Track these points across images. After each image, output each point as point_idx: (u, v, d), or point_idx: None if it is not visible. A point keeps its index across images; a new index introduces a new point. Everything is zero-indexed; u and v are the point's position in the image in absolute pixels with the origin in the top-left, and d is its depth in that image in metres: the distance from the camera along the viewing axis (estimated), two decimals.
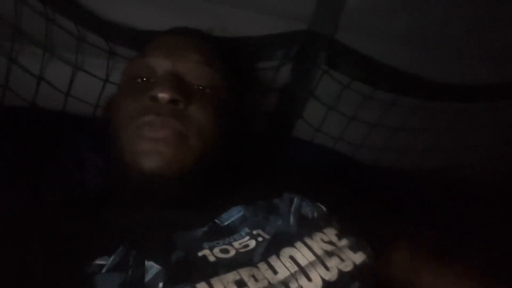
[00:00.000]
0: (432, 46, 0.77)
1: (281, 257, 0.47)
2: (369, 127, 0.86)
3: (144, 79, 0.59)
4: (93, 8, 0.69)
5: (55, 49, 0.73)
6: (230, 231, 0.51)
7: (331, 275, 0.46)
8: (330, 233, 0.50)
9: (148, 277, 0.43)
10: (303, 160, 0.85)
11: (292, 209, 0.54)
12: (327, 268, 0.46)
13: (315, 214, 0.53)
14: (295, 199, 0.55)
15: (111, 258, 0.46)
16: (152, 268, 0.43)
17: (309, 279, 0.45)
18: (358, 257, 0.48)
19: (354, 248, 0.49)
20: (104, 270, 0.45)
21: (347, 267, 0.47)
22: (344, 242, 0.50)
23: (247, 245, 0.48)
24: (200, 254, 0.46)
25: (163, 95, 0.53)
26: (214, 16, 0.71)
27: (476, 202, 0.89)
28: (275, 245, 0.48)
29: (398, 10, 0.71)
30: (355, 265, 0.47)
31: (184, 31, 0.67)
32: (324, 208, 0.54)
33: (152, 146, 0.52)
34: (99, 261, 0.45)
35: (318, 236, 0.50)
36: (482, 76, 0.81)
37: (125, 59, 0.73)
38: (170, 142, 0.53)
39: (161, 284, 0.42)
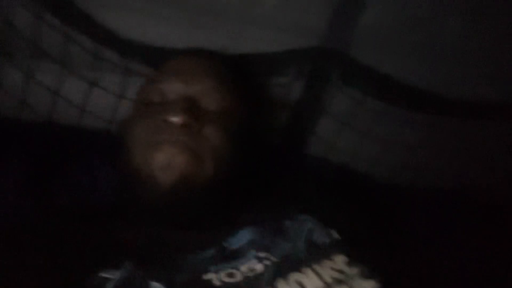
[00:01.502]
0: (449, 61, 0.75)
1: (289, 282, 0.46)
2: (384, 144, 0.84)
3: (157, 102, 0.59)
4: (109, 25, 0.70)
5: (71, 65, 0.74)
6: (237, 255, 0.50)
7: None
8: (340, 261, 0.49)
9: None
10: (317, 178, 0.84)
11: (303, 233, 0.53)
12: None
13: (326, 240, 0.52)
14: (308, 223, 0.54)
15: (118, 274, 0.46)
16: None
17: None
18: (368, 286, 0.47)
19: (365, 276, 0.48)
20: (110, 285, 0.45)
21: None
22: (354, 270, 0.48)
23: (254, 269, 0.48)
24: (205, 277, 0.46)
25: (176, 120, 0.54)
26: (227, 33, 0.71)
27: (493, 223, 0.87)
28: (283, 269, 0.48)
29: (413, 26, 0.70)
30: None
31: (197, 54, 0.67)
32: (336, 235, 0.53)
33: (168, 160, 0.53)
34: (104, 274, 0.46)
35: (328, 264, 0.49)
36: (500, 92, 0.79)
37: (141, 76, 0.74)
38: (186, 158, 0.53)
39: None
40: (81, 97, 0.75)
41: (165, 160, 0.53)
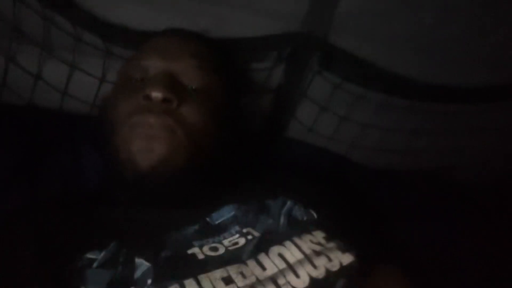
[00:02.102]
0: (425, 48, 0.77)
1: (270, 255, 0.48)
2: (362, 127, 0.86)
3: (138, 79, 0.60)
4: (90, 8, 0.70)
5: (52, 48, 0.74)
6: (220, 229, 0.52)
7: (319, 273, 0.47)
8: (319, 236, 0.51)
9: (137, 274, 0.44)
10: (297, 160, 0.85)
11: (283, 210, 0.55)
12: (314, 266, 0.47)
13: (305, 218, 0.54)
14: (288, 202, 0.56)
15: (102, 254, 0.47)
16: (142, 265, 0.45)
17: (297, 276, 0.46)
18: (346, 258, 0.49)
19: (342, 249, 0.50)
20: (94, 265, 0.46)
21: (334, 267, 0.48)
22: (332, 244, 0.51)
23: (236, 243, 0.50)
24: (189, 252, 0.47)
25: (156, 94, 0.54)
26: (208, 17, 0.72)
27: (469, 204, 0.90)
28: (265, 243, 0.50)
29: (390, 12, 0.71)
30: (342, 266, 0.48)
31: (178, 32, 0.68)
32: (315, 215, 0.55)
33: (146, 144, 0.53)
34: (90, 255, 0.47)
35: (307, 237, 0.51)
36: (475, 77, 0.81)
37: (122, 59, 0.74)
38: (163, 139, 0.54)
39: (149, 281, 0.43)
40: (62, 80, 0.75)
41: (143, 143, 0.54)
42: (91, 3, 0.69)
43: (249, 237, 0.50)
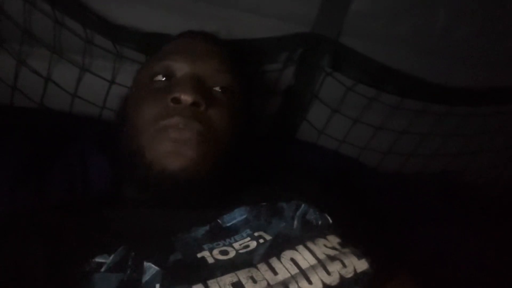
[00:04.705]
0: (436, 50, 0.77)
1: (282, 259, 0.47)
2: (374, 130, 0.85)
3: (164, 78, 0.59)
4: (100, 10, 0.70)
5: (63, 51, 0.74)
6: (231, 232, 0.51)
7: (332, 280, 0.45)
8: (334, 241, 0.50)
9: (145, 278, 0.43)
10: (308, 163, 0.85)
11: (297, 213, 0.54)
12: (328, 273, 0.46)
13: (320, 222, 0.53)
14: (302, 205, 0.55)
15: (111, 257, 0.46)
16: (150, 269, 0.44)
17: (310, 282, 0.45)
18: (361, 265, 0.48)
19: (358, 255, 0.49)
20: (103, 269, 0.45)
21: (348, 273, 0.47)
22: (347, 249, 0.49)
23: (247, 246, 0.49)
24: (199, 255, 0.47)
25: (186, 97, 0.54)
26: (219, 19, 0.71)
27: (479, 207, 0.88)
28: (277, 247, 0.48)
29: (401, 14, 0.71)
30: (356, 272, 0.47)
31: (202, 36, 0.67)
32: (330, 220, 0.54)
33: (176, 147, 0.53)
34: (98, 259, 0.46)
35: (321, 241, 0.49)
36: (486, 80, 0.80)
37: (132, 61, 0.74)
38: (193, 144, 0.53)
39: (158, 285, 0.42)
40: (73, 83, 0.75)
41: (172, 146, 0.53)
42: (101, 5, 0.70)
43: (261, 240, 0.49)
